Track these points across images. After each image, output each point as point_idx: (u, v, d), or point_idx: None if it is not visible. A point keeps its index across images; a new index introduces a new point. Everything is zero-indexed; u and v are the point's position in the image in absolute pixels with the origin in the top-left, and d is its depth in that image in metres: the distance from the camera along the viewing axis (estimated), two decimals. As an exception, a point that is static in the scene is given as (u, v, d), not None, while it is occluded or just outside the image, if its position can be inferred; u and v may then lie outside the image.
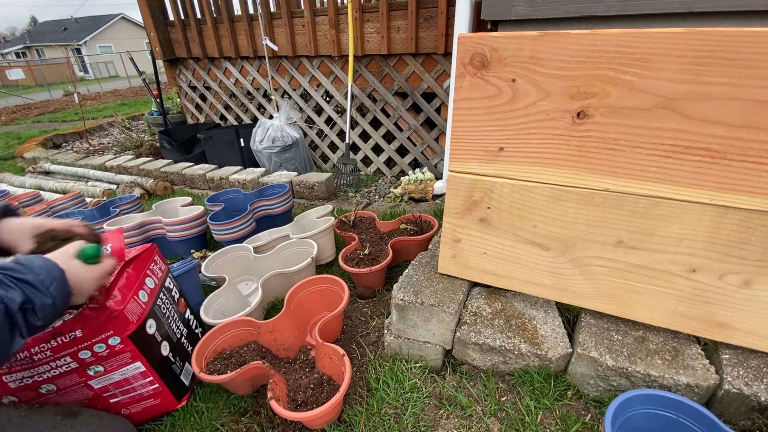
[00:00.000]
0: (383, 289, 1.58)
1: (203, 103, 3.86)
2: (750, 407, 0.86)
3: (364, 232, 1.83)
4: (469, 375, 1.12)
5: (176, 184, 3.05)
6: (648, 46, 0.75)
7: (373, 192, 2.76)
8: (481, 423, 0.99)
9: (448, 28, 2.37)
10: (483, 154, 0.99)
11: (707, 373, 0.89)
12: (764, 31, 0.68)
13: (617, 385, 0.96)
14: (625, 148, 0.85)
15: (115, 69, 21.31)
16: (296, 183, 2.61)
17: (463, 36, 0.89)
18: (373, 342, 1.30)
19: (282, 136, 2.97)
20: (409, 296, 1.11)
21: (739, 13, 1.30)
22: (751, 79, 0.71)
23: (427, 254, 1.35)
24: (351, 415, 1.03)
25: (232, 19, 3.16)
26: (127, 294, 0.96)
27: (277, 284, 1.50)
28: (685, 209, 0.85)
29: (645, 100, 0.79)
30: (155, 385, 1.02)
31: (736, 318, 0.90)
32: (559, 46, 0.82)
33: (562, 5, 1.47)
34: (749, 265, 0.84)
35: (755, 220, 0.80)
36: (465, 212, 1.08)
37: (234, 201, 2.11)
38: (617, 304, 1.01)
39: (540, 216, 0.99)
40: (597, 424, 0.96)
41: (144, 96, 10.73)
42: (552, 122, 0.89)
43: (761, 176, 0.77)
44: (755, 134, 0.74)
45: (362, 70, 2.82)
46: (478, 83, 0.92)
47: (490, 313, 1.12)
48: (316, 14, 2.80)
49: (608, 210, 0.91)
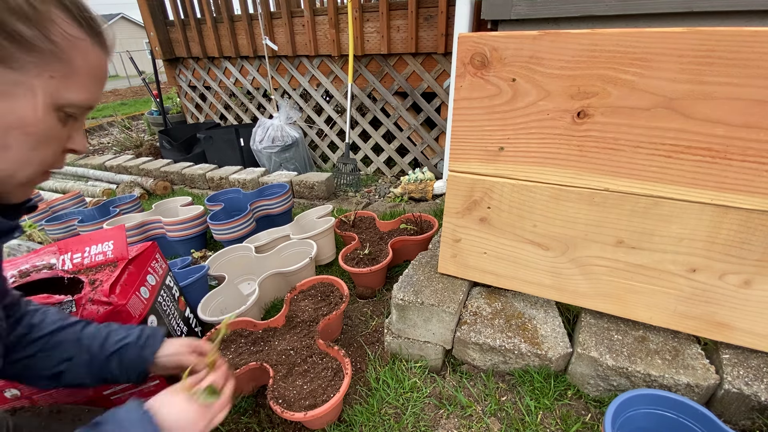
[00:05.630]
0: (383, 288, 1.58)
1: (203, 103, 3.86)
2: (750, 407, 0.86)
3: (364, 231, 1.83)
4: (469, 375, 1.12)
5: (176, 183, 3.05)
6: (648, 45, 0.75)
7: (373, 192, 2.76)
8: (481, 423, 0.99)
9: (448, 28, 2.37)
10: (483, 153, 0.99)
11: (707, 373, 0.89)
12: (764, 31, 0.68)
13: (617, 384, 0.96)
14: (626, 148, 0.84)
15: (115, 69, 21.28)
16: (296, 183, 2.61)
17: (463, 36, 0.89)
18: (373, 342, 1.30)
19: (282, 136, 2.97)
20: (409, 296, 1.11)
21: (739, 13, 1.30)
22: (751, 78, 0.71)
23: (427, 254, 1.35)
24: (351, 415, 1.03)
25: (232, 19, 3.16)
26: (130, 290, 0.97)
27: (276, 284, 1.50)
28: (685, 209, 0.85)
29: (645, 100, 0.79)
30: (156, 381, 1.02)
31: (736, 318, 0.90)
32: (560, 46, 0.81)
33: (562, 5, 1.47)
34: (749, 265, 0.84)
35: (755, 220, 0.80)
36: (465, 212, 1.08)
37: (234, 201, 2.10)
38: (617, 303, 1.01)
39: (540, 216, 0.99)
40: (597, 423, 0.96)
41: (144, 96, 10.73)
42: (552, 122, 0.88)
43: (762, 176, 0.77)
44: (756, 134, 0.74)
45: (362, 70, 2.82)
46: (479, 83, 0.92)
47: (490, 313, 1.12)
48: (315, 14, 2.80)
49: (608, 210, 0.91)
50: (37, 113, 0.45)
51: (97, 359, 0.73)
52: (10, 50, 0.41)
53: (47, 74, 0.44)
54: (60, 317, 0.76)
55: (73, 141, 0.51)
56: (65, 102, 0.47)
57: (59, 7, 0.44)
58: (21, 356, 0.70)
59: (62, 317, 0.77)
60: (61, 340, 0.72)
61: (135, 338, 0.76)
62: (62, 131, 0.49)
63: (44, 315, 0.75)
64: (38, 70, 0.43)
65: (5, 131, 0.44)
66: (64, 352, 0.72)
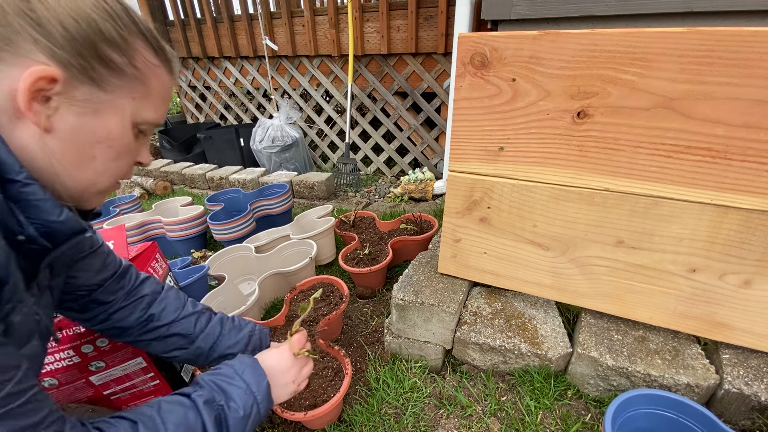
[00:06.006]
0: (383, 288, 1.58)
1: (203, 103, 3.86)
2: (750, 407, 0.86)
3: (364, 231, 1.83)
4: (469, 375, 1.12)
5: (176, 183, 3.05)
6: (648, 45, 0.75)
7: (373, 192, 2.76)
8: (481, 423, 0.99)
9: (448, 28, 2.37)
10: (483, 153, 0.99)
11: (707, 373, 0.89)
12: (764, 31, 0.68)
13: (617, 384, 0.96)
14: (626, 148, 0.84)
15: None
16: (296, 183, 2.61)
17: (463, 35, 0.89)
18: (373, 342, 1.30)
19: (282, 136, 2.97)
20: (409, 296, 1.11)
21: (739, 13, 1.30)
22: (751, 78, 0.71)
23: (427, 254, 1.35)
24: (351, 415, 1.03)
25: (232, 19, 3.16)
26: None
27: (276, 284, 1.50)
28: (685, 209, 0.85)
29: (645, 100, 0.79)
30: (156, 381, 1.02)
31: (736, 318, 0.90)
32: (560, 46, 0.81)
33: (562, 5, 1.47)
34: (749, 265, 0.84)
35: (755, 220, 0.80)
36: (465, 212, 1.08)
37: (234, 201, 2.11)
38: (617, 303, 1.01)
39: (540, 216, 0.99)
40: (597, 423, 0.96)
41: (144, 96, 10.69)
42: (552, 122, 0.89)
43: (762, 176, 0.77)
44: (756, 134, 0.74)
45: (362, 70, 2.82)
46: (479, 83, 0.92)
47: (490, 313, 1.12)
48: (316, 14, 2.80)
49: (608, 210, 0.91)
50: (120, 129, 0.52)
51: (206, 356, 0.84)
52: (103, 74, 0.48)
53: (130, 95, 0.51)
54: (178, 305, 0.85)
55: (141, 154, 0.59)
56: (141, 120, 0.54)
57: (142, 39, 0.51)
58: (139, 339, 0.81)
59: (180, 305, 0.85)
60: (177, 332, 0.82)
61: (243, 346, 0.86)
62: (135, 145, 0.56)
63: (164, 304, 0.84)
64: (124, 92, 0.50)
65: (93, 144, 0.50)
66: (178, 341, 0.82)
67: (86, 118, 0.48)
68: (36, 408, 0.45)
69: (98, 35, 0.46)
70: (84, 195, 0.54)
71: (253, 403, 0.67)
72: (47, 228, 0.48)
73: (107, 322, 0.77)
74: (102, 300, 0.76)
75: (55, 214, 0.48)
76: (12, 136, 0.45)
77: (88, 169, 0.51)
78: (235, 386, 0.67)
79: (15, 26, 0.42)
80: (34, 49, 0.43)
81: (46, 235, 0.49)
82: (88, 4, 0.46)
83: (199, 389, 0.64)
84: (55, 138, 0.47)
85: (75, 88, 0.46)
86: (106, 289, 0.76)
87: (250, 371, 0.71)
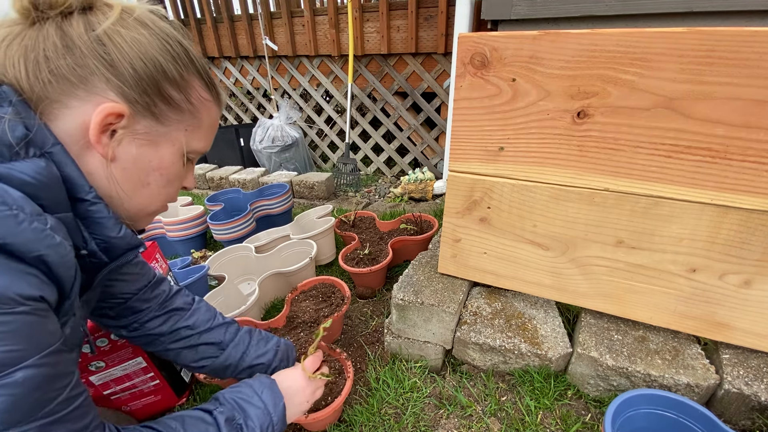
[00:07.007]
0: (383, 288, 1.58)
1: (203, 103, 3.85)
2: (750, 407, 0.86)
3: (364, 231, 1.83)
4: (469, 375, 1.12)
5: (176, 183, 3.04)
6: (648, 45, 0.75)
7: (373, 192, 2.76)
8: (481, 423, 0.99)
9: (448, 28, 2.37)
10: (483, 153, 0.99)
11: (707, 373, 0.89)
12: (764, 31, 0.68)
13: (617, 384, 0.96)
14: (626, 148, 0.84)
15: (115, 69, 21.34)
16: (296, 183, 2.61)
17: (463, 35, 0.89)
18: (373, 342, 1.30)
19: (282, 136, 2.97)
20: (409, 296, 1.11)
21: (739, 13, 1.30)
22: (751, 78, 0.71)
23: (427, 254, 1.35)
24: (351, 415, 1.03)
25: (232, 19, 3.16)
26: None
27: (277, 284, 1.50)
28: (685, 209, 0.85)
29: (645, 100, 0.79)
30: (156, 381, 1.02)
31: (736, 318, 0.90)
32: (560, 46, 0.81)
33: (562, 5, 1.47)
34: (749, 265, 0.84)
35: (755, 220, 0.80)
36: (465, 212, 1.08)
37: (234, 201, 2.10)
38: (617, 303, 1.01)
39: (540, 216, 0.99)
40: (597, 423, 0.96)
41: (144, 96, 10.69)
42: (552, 122, 0.88)
43: (762, 176, 0.77)
44: (756, 134, 0.74)
45: (362, 70, 2.82)
46: (478, 83, 0.92)
47: (490, 313, 1.12)
48: (316, 14, 2.80)
49: (608, 210, 0.91)
50: (173, 158, 0.56)
51: (234, 367, 0.87)
52: (163, 109, 0.52)
53: (184, 128, 0.56)
54: (209, 316, 0.89)
55: (187, 180, 0.63)
56: (191, 149, 0.59)
57: (197, 76, 0.56)
58: (170, 348, 0.84)
59: (211, 316, 0.89)
60: (208, 341, 0.86)
61: (272, 356, 0.89)
62: (183, 172, 0.60)
63: (197, 314, 0.88)
64: (179, 125, 0.55)
65: (149, 172, 0.55)
66: (208, 350, 0.85)
67: (145, 149, 0.53)
68: (84, 413, 0.48)
69: (162, 75, 0.51)
70: (137, 216, 0.59)
71: (270, 424, 0.70)
72: (107, 243, 0.53)
73: (140, 329, 0.81)
74: (137, 308, 0.80)
75: (115, 231, 0.52)
76: (82, 163, 0.49)
77: (143, 194, 0.56)
78: (254, 406, 0.70)
79: (91, 67, 0.47)
80: (105, 87, 0.48)
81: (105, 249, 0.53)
82: (155, 47, 0.50)
83: (219, 406, 0.67)
84: (118, 167, 0.52)
85: (137, 122, 0.51)
86: (140, 297, 0.80)
87: (269, 392, 0.73)
